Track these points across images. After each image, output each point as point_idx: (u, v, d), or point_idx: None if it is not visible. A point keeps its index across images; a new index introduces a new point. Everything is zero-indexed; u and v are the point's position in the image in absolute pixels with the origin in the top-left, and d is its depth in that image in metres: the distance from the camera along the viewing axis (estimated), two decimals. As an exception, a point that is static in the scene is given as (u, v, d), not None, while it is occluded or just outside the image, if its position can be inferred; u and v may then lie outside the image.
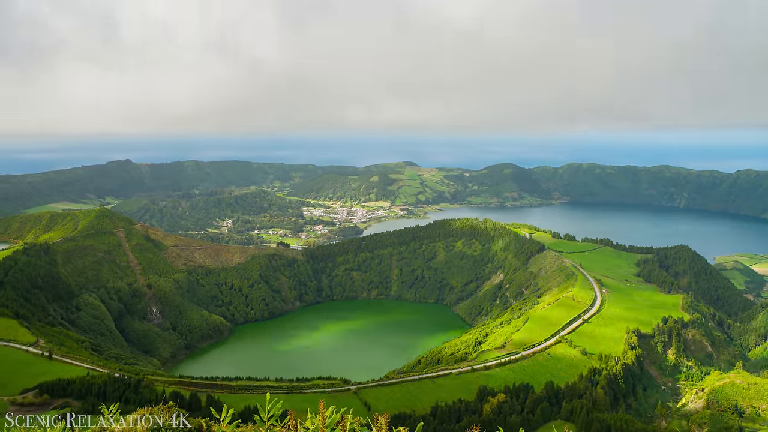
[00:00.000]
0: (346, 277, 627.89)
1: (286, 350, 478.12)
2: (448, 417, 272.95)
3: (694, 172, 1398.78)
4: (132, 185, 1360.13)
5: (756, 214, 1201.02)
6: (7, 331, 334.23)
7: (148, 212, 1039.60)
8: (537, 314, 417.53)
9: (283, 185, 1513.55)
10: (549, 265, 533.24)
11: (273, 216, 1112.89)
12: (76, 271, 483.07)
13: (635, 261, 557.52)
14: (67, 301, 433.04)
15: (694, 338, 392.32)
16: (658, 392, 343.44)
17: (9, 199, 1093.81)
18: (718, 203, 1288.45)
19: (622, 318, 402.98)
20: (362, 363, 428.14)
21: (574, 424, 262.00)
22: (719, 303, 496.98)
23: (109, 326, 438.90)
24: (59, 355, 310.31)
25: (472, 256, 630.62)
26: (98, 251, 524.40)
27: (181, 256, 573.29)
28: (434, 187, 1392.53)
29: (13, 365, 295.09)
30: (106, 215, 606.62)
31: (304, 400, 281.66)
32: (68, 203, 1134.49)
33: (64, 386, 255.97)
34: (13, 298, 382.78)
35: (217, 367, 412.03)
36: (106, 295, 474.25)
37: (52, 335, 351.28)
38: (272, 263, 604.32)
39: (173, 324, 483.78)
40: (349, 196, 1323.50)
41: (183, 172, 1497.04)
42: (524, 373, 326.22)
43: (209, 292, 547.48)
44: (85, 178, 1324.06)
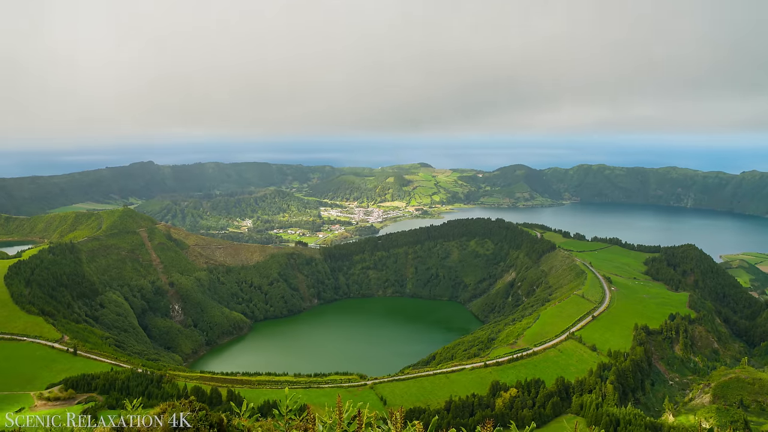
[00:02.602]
0: (363, 276, 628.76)
1: (304, 346, 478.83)
2: (461, 411, 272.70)
3: (700, 173, 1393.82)
4: (154, 186, 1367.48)
5: (761, 213, 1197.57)
6: (33, 328, 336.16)
7: (170, 212, 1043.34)
8: (548, 311, 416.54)
9: (302, 186, 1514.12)
10: (560, 264, 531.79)
11: (292, 216, 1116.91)
12: (100, 270, 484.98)
13: (643, 260, 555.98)
14: (92, 299, 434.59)
15: (700, 334, 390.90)
16: (666, 387, 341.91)
17: (35, 199, 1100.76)
18: (723, 203, 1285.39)
19: (631, 315, 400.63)
20: (378, 359, 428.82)
21: (584, 418, 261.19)
22: (725, 300, 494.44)
23: (133, 323, 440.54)
24: (84, 351, 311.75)
25: (485, 255, 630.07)
26: (122, 250, 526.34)
27: (203, 254, 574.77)
28: (448, 187, 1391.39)
29: (40, 361, 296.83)
30: (129, 215, 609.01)
31: (322, 394, 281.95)
32: (93, 203, 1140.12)
33: (88, 381, 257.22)
34: (39, 295, 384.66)
35: (238, 362, 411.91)
36: (130, 293, 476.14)
37: (77, 332, 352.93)
38: (291, 262, 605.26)
39: (195, 321, 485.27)
40: (366, 197, 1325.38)
41: (204, 174, 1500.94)
42: (535, 369, 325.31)
43: (230, 290, 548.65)
44: (109, 179, 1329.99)
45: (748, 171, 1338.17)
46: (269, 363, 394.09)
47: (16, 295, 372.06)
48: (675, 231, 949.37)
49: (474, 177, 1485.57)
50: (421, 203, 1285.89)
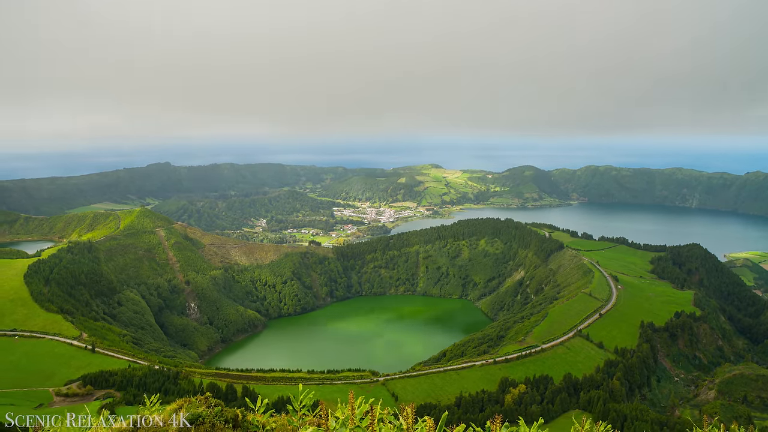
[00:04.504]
0: (375, 274, 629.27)
1: (318, 343, 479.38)
2: (471, 407, 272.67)
3: (705, 174, 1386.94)
4: (171, 187, 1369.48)
5: (764, 213, 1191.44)
6: (52, 326, 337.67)
7: (186, 212, 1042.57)
8: (556, 309, 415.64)
9: (315, 186, 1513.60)
10: (568, 263, 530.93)
11: (305, 216, 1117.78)
12: (117, 268, 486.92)
13: (649, 258, 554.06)
14: (110, 297, 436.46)
15: (705, 332, 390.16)
16: (672, 383, 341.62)
17: (54, 199, 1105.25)
18: (728, 204, 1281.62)
19: (637, 313, 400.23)
20: (390, 355, 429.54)
21: (592, 413, 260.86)
22: (729, 298, 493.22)
23: (149, 321, 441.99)
24: (102, 348, 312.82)
25: (495, 254, 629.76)
26: (139, 249, 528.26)
27: (218, 254, 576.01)
28: (458, 188, 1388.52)
29: (58, 358, 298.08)
30: (146, 215, 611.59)
31: (334, 390, 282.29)
32: (110, 204, 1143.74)
33: (106, 378, 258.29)
34: (58, 294, 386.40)
35: (252, 359, 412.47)
36: (147, 291, 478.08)
37: (95, 329, 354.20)
38: (304, 261, 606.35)
39: (210, 318, 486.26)
40: (378, 197, 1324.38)
41: (219, 174, 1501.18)
42: (544, 366, 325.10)
43: (244, 288, 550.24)
44: (127, 179, 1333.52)
45: (752, 172, 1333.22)
46: (283, 360, 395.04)
47: (35, 294, 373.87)
48: (680, 231, 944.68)
49: (483, 177, 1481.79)
50: (431, 203, 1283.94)
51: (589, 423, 27.53)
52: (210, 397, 23.44)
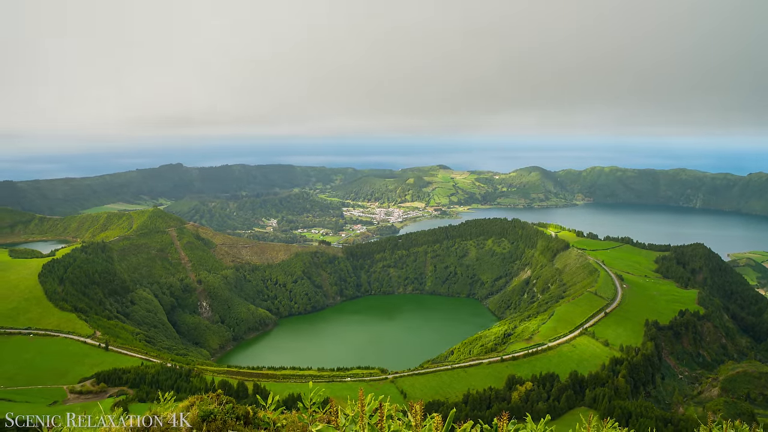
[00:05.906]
0: (384, 274, 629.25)
1: (327, 341, 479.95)
2: (479, 404, 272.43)
3: (709, 175, 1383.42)
4: (183, 187, 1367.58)
5: (767, 213, 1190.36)
6: (66, 324, 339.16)
7: (198, 212, 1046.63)
8: (562, 308, 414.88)
9: (325, 187, 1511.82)
10: (573, 262, 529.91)
11: (315, 216, 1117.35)
12: (130, 268, 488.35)
13: (654, 258, 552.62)
14: (123, 296, 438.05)
15: (709, 330, 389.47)
16: (676, 381, 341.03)
17: (68, 200, 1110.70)
18: (731, 204, 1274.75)
19: (642, 311, 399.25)
20: (398, 353, 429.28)
21: (597, 410, 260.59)
22: (733, 297, 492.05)
23: (162, 319, 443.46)
24: (115, 347, 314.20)
25: (502, 254, 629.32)
26: (152, 249, 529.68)
27: (229, 253, 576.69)
28: (466, 188, 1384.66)
29: (72, 356, 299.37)
30: (159, 215, 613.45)
31: (344, 388, 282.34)
32: (123, 204, 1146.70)
33: (119, 375, 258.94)
34: (72, 293, 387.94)
35: (263, 357, 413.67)
36: (159, 290, 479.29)
37: (109, 328, 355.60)
38: (314, 260, 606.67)
39: (222, 317, 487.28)
40: (386, 198, 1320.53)
41: (231, 175, 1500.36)
42: (550, 363, 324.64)
43: (255, 287, 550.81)
44: (139, 180, 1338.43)
45: (755, 172, 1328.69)
46: (293, 358, 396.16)
47: (50, 293, 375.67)
48: (684, 230, 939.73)
49: (490, 178, 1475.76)
50: (439, 204, 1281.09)
51: (595, 420, 27.50)
52: (221, 394, 23.47)
